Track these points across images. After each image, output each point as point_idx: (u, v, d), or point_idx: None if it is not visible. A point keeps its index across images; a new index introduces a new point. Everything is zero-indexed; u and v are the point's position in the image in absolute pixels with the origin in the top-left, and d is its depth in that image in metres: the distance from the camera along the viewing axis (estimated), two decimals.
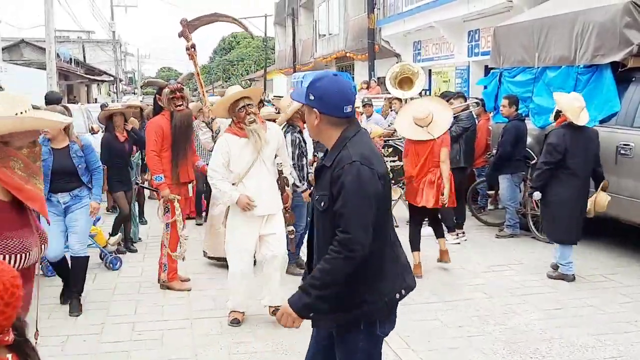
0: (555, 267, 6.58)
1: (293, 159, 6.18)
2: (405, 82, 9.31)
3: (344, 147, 2.65)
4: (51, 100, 8.59)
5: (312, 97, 2.68)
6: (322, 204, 2.66)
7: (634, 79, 7.18)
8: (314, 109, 2.69)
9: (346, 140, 2.66)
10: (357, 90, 19.75)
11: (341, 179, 2.56)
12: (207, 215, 7.65)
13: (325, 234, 2.68)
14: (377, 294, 2.68)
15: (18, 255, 2.45)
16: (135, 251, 7.68)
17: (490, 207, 9.90)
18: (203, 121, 8.04)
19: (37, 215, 2.67)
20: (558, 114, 6.47)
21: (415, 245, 6.60)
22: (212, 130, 7.53)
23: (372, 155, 2.65)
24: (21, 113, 2.37)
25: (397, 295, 2.73)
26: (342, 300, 2.65)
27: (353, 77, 25.71)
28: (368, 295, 2.67)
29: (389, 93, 10.93)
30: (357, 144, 2.65)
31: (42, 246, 2.56)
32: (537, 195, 6.50)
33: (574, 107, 6.22)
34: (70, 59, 33.92)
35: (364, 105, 11.18)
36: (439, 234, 6.89)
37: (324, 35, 29.71)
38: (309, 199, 6.09)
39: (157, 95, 6.20)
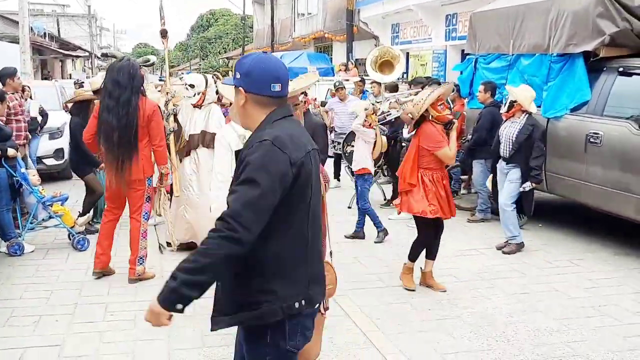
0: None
1: None
2: (385, 65, 9.32)
3: (263, 128, 2.40)
4: (2, 75, 8.46)
5: (238, 76, 2.44)
6: None
7: (605, 69, 7.30)
8: (240, 88, 2.43)
9: (269, 122, 2.41)
10: (334, 72, 19.75)
11: (247, 158, 2.31)
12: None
13: None
14: (273, 297, 2.35)
15: None
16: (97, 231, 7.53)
17: (463, 191, 10.04)
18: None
19: None
20: (512, 104, 6.96)
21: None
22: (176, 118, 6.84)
23: (289, 139, 2.34)
24: None
25: (297, 305, 2.38)
26: (235, 298, 2.39)
27: (331, 59, 25.67)
28: (262, 296, 2.35)
29: (368, 76, 10.90)
30: (278, 126, 2.39)
31: None
32: (528, 185, 6.95)
33: (527, 96, 6.88)
34: (44, 33, 33.30)
35: (336, 89, 11.01)
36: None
37: (303, 14, 29.56)
38: None
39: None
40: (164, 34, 6.90)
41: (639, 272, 6.34)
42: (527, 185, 6.93)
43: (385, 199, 9.35)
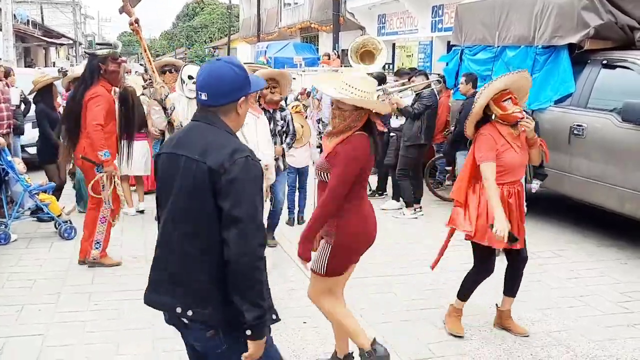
0: None
1: None
2: (366, 56, 9.30)
3: None
4: None
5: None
6: None
7: (589, 61, 7.35)
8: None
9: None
10: (319, 62, 19.72)
11: None
12: None
13: None
14: None
15: None
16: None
17: (448, 182, 10.08)
18: (155, 99, 7.50)
19: None
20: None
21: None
22: (165, 108, 6.95)
23: (175, 139, 2.55)
24: None
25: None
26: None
27: (317, 49, 25.62)
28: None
29: (351, 66, 10.89)
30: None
31: None
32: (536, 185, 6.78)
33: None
34: (28, 21, 32.90)
35: None
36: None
37: (289, 4, 29.44)
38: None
39: (99, 64, 5.75)
40: (122, 12, 6.28)
41: (621, 263, 6.42)
42: (535, 186, 6.80)
43: (370, 189, 9.37)
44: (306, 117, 8.52)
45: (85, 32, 59.95)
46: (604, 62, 7.14)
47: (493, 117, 4.37)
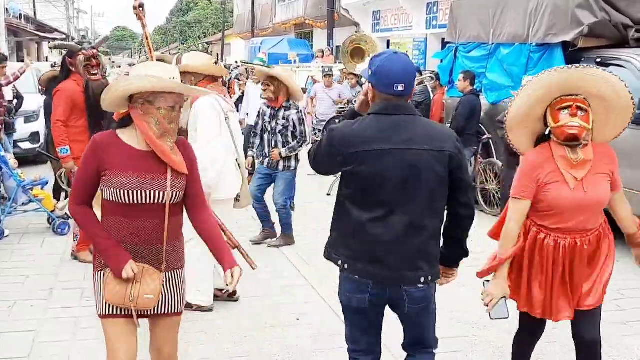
0: None
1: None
2: (356, 53, 9.26)
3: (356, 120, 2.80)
4: None
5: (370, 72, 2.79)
6: None
7: (583, 59, 7.35)
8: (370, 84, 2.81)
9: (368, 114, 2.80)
10: (314, 58, 19.72)
11: None
12: None
13: None
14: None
15: (131, 192, 2.70)
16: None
17: None
18: None
19: None
20: None
21: None
22: None
23: (350, 133, 2.72)
24: (173, 79, 2.75)
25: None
26: None
27: (312, 45, 25.60)
28: None
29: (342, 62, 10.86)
30: (361, 121, 2.76)
31: (164, 192, 2.75)
32: None
33: None
34: (20, 15, 32.71)
35: (325, 75, 10.95)
36: None
37: (284, 0, 29.38)
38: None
39: (67, 58, 5.77)
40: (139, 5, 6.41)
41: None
42: None
43: None
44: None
45: (78, 27, 59.67)
46: (598, 60, 7.14)
47: (547, 131, 3.13)
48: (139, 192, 2.71)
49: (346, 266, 2.80)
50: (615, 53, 7.06)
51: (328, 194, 8.96)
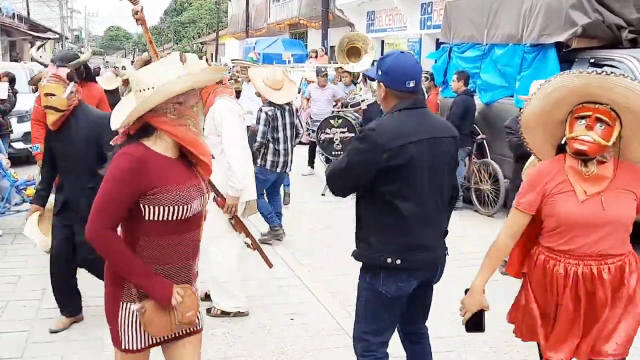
0: None
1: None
2: (352, 52, 9.23)
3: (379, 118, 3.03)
4: None
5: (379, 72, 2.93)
6: None
7: (576, 60, 7.38)
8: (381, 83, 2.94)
9: (391, 112, 2.91)
10: (307, 57, 19.71)
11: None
12: None
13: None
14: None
15: (182, 207, 2.46)
16: None
17: None
18: None
19: None
20: None
21: None
22: None
23: (389, 129, 2.80)
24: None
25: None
26: None
27: (306, 45, 25.60)
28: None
29: (337, 62, 10.79)
30: (392, 118, 2.87)
31: (202, 198, 2.58)
32: None
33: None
34: (13, 14, 32.58)
35: (321, 75, 10.84)
36: None
37: (278, 0, 29.37)
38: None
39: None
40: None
41: None
42: None
43: None
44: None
45: (72, 27, 59.53)
46: (591, 60, 7.16)
47: (563, 140, 2.78)
48: (189, 204, 2.47)
49: (398, 262, 2.87)
50: (609, 54, 7.08)
51: (322, 194, 8.97)
